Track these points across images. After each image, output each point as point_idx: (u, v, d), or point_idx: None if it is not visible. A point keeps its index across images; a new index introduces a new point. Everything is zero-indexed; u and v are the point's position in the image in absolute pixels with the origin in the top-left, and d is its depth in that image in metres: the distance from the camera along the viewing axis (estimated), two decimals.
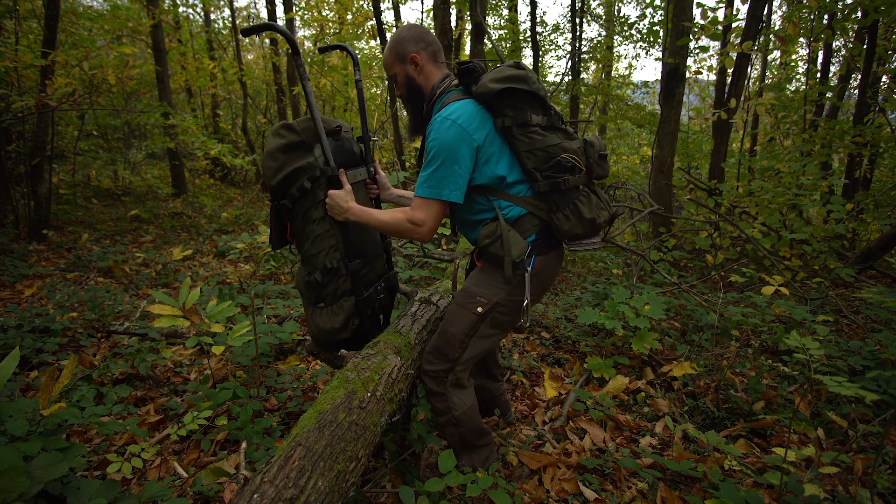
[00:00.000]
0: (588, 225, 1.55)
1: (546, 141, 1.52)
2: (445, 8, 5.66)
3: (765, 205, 5.03)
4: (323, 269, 1.74)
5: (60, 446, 1.47)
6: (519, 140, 1.52)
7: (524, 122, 1.51)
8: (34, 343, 2.66)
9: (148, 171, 10.59)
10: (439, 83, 1.64)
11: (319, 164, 1.70)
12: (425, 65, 1.63)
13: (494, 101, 1.51)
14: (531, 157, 1.53)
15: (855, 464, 1.89)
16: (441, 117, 1.51)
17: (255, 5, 33.10)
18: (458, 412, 1.68)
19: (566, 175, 1.53)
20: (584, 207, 1.54)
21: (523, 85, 1.48)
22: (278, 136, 1.71)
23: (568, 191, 1.54)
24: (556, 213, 1.55)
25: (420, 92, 1.66)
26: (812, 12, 6.62)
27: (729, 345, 3.06)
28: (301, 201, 1.72)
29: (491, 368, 2.12)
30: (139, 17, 8.59)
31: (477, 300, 1.61)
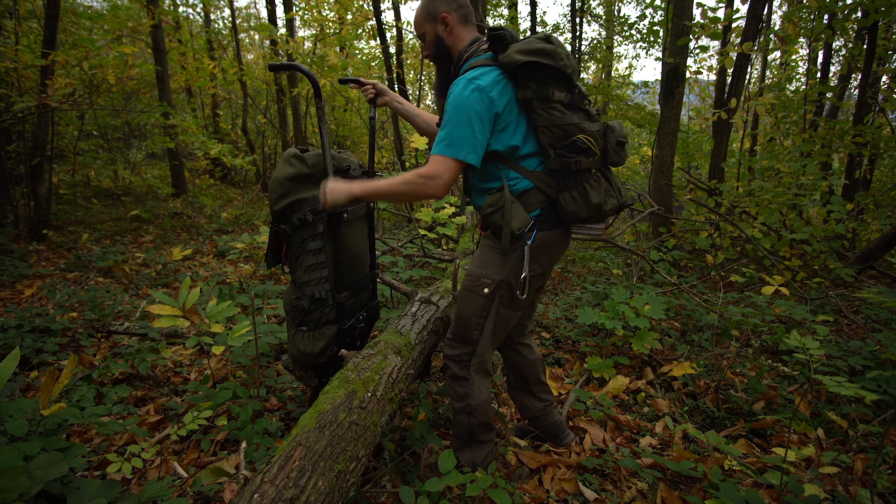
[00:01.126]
0: (594, 209, 1.52)
1: (565, 119, 1.49)
2: None
3: (765, 205, 5.03)
4: (311, 297, 1.81)
5: (60, 446, 1.47)
6: (538, 114, 1.50)
7: (545, 96, 1.48)
8: (34, 343, 2.66)
9: (148, 171, 10.60)
10: (467, 47, 1.61)
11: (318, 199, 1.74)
12: (455, 26, 1.61)
13: (518, 72, 1.48)
14: (547, 133, 1.51)
15: (855, 464, 1.89)
16: (464, 79, 1.49)
17: (255, 5, 33.14)
18: (475, 401, 1.70)
19: (579, 156, 1.50)
20: (592, 191, 1.52)
21: (549, 60, 1.45)
22: (290, 164, 1.77)
23: (579, 172, 1.51)
24: (564, 192, 1.53)
25: (448, 53, 1.64)
26: (812, 12, 6.62)
27: (729, 345, 3.06)
28: (300, 230, 1.78)
29: (531, 384, 1.99)
30: (139, 17, 8.59)
31: (482, 282, 1.62)
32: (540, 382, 2.01)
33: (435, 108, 8.86)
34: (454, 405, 1.74)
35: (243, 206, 9.28)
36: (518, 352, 1.96)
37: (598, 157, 1.53)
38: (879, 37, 6.15)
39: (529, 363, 1.97)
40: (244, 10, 20.66)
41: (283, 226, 1.78)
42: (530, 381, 1.99)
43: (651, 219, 5.73)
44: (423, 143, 3.92)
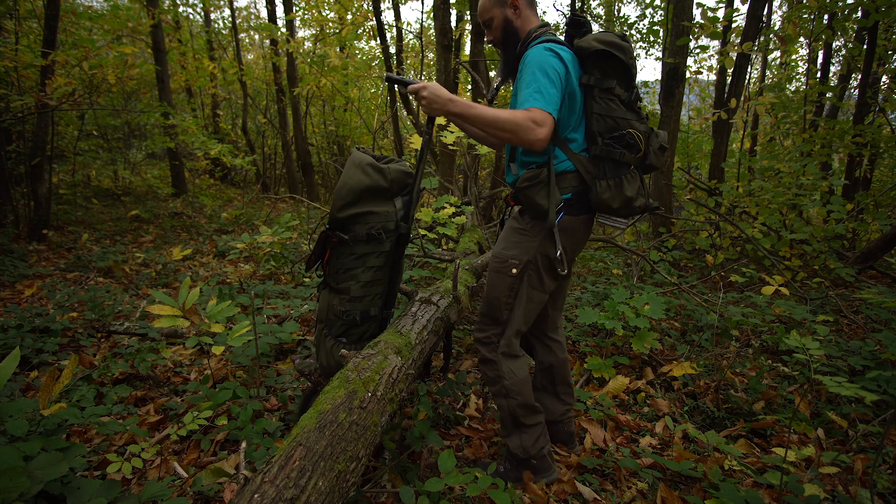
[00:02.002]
0: (625, 202, 1.57)
1: (619, 112, 1.56)
2: (445, 8, 5.66)
3: (765, 205, 5.03)
4: (364, 312, 1.79)
5: (60, 446, 1.47)
6: (597, 101, 1.56)
7: (608, 87, 1.54)
8: (34, 343, 2.66)
9: (148, 171, 10.60)
10: (536, 29, 1.66)
11: (397, 218, 1.74)
12: (524, 9, 1.68)
13: (590, 58, 1.55)
14: (600, 121, 1.56)
15: (855, 464, 1.89)
16: (541, 46, 1.54)
17: (255, 5, 33.13)
18: (508, 381, 1.71)
19: (625, 149, 1.56)
20: (627, 185, 1.57)
21: (621, 54, 1.53)
22: (365, 174, 1.71)
23: (620, 164, 1.58)
24: (601, 180, 1.58)
25: (516, 35, 1.69)
26: (812, 12, 6.62)
27: (729, 345, 3.06)
28: (365, 244, 1.73)
29: (557, 384, 1.98)
30: (139, 17, 8.60)
31: (509, 262, 1.66)
32: (566, 383, 1.99)
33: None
34: (491, 390, 1.76)
35: (243, 206, 9.28)
36: (549, 348, 1.96)
37: (641, 155, 1.59)
38: (879, 37, 6.15)
39: (560, 362, 1.96)
40: (244, 10, 20.65)
41: (342, 234, 1.72)
42: (557, 382, 1.97)
43: (651, 219, 5.73)
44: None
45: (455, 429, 2.17)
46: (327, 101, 12.48)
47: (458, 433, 2.14)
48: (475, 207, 4.71)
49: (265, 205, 9.73)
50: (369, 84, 12.94)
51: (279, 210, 9.23)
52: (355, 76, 10.60)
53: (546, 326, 1.95)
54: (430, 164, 7.86)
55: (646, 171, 1.66)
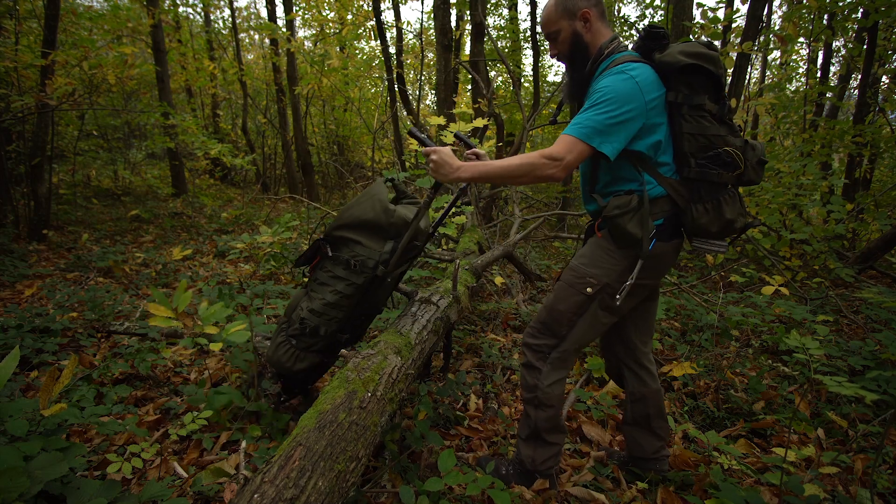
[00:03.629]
0: (725, 225, 1.47)
1: (712, 129, 1.45)
2: (445, 8, 5.67)
3: (765, 205, 5.03)
4: (316, 328, 1.83)
5: (60, 446, 1.47)
6: (686, 120, 1.45)
7: (698, 104, 1.43)
8: (34, 343, 2.66)
9: (148, 171, 10.60)
10: (608, 43, 1.54)
11: (379, 259, 1.76)
12: (595, 21, 1.53)
13: (676, 73, 1.43)
14: (692, 141, 1.45)
15: (855, 464, 1.89)
16: (619, 69, 1.43)
17: (254, 5, 33.12)
18: (543, 394, 1.63)
19: (722, 169, 1.45)
20: (726, 206, 1.47)
21: (711, 66, 1.41)
22: (373, 208, 1.75)
23: (717, 185, 1.47)
24: (697, 203, 1.48)
25: (586, 50, 1.55)
26: (812, 12, 6.62)
27: (729, 345, 3.06)
28: (342, 269, 1.78)
29: (652, 419, 1.76)
30: (139, 17, 8.59)
31: (587, 280, 1.56)
32: (661, 417, 1.78)
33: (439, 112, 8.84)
34: (523, 395, 1.70)
35: (243, 206, 9.28)
36: (640, 378, 1.77)
37: (741, 171, 1.47)
38: (879, 37, 6.15)
39: (652, 393, 1.76)
40: (244, 9, 20.66)
41: (330, 249, 1.79)
42: (652, 416, 1.76)
43: None
44: None
45: (455, 429, 2.17)
46: (327, 101, 12.48)
47: (458, 433, 2.14)
48: (475, 207, 4.72)
49: (265, 205, 9.73)
50: (369, 84, 12.94)
51: (279, 210, 9.23)
52: (355, 76, 10.60)
53: (638, 354, 1.77)
54: None
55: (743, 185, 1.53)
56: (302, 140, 10.39)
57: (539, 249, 6.50)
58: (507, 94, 10.79)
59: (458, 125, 3.39)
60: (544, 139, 13.38)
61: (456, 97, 6.92)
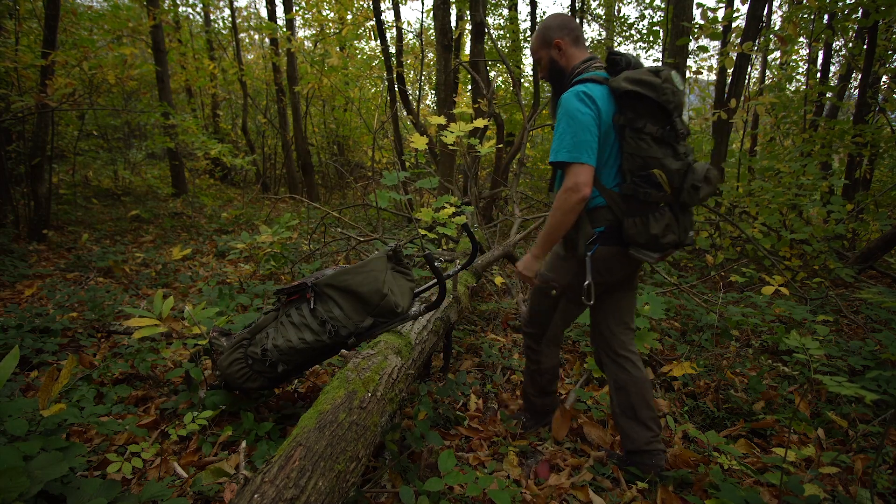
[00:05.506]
0: (651, 239, 1.60)
1: (649, 151, 1.57)
2: (445, 8, 5.66)
3: (765, 205, 5.03)
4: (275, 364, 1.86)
5: (60, 446, 1.47)
6: (627, 141, 1.60)
7: (638, 127, 1.57)
8: (34, 343, 2.66)
9: (148, 171, 10.59)
10: (580, 64, 1.74)
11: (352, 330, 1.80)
12: (567, 48, 1.76)
13: (620, 98, 1.60)
14: (630, 160, 1.60)
15: (855, 464, 1.89)
16: (574, 90, 1.62)
17: (254, 5, 33.13)
18: (546, 365, 2.02)
19: (651, 189, 1.58)
20: (653, 223, 1.59)
21: (651, 93, 1.53)
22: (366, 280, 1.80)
23: (646, 204, 1.60)
24: (628, 217, 1.63)
25: (562, 73, 1.79)
26: (812, 12, 6.62)
27: (729, 345, 3.06)
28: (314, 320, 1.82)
29: (637, 408, 1.82)
30: (139, 17, 8.59)
31: (550, 285, 1.84)
32: (648, 407, 1.82)
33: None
34: (529, 366, 2.08)
35: (243, 206, 9.28)
36: (622, 367, 1.85)
37: (669, 194, 1.59)
38: (879, 37, 6.15)
39: (635, 381, 1.83)
40: (244, 9, 20.66)
41: (313, 296, 1.83)
42: (637, 406, 1.81)
43: None
44: (423, 143, 3.91)
45: (455, 429, 2.17)
46: (327, 101, 12.47)
47: (458, 433, 2.14)
48: (475, 207, 4.71)
49: (265, 205, 9.73)
50: (369, 84, 12.93)
51: (279, 210, 9.23)
52: (355, 76, 10.59)
53: (614, 343, 1.88)
54: (431, 164, 7.87)
55: (682, 207, 1.64)
56: (302, 140, 10.39)
57: None
58: (508, 94, 10.78)
59: (458, 125, 3.38)
60: (544, 139, 13.38)
61: (456, 97, 6.92)
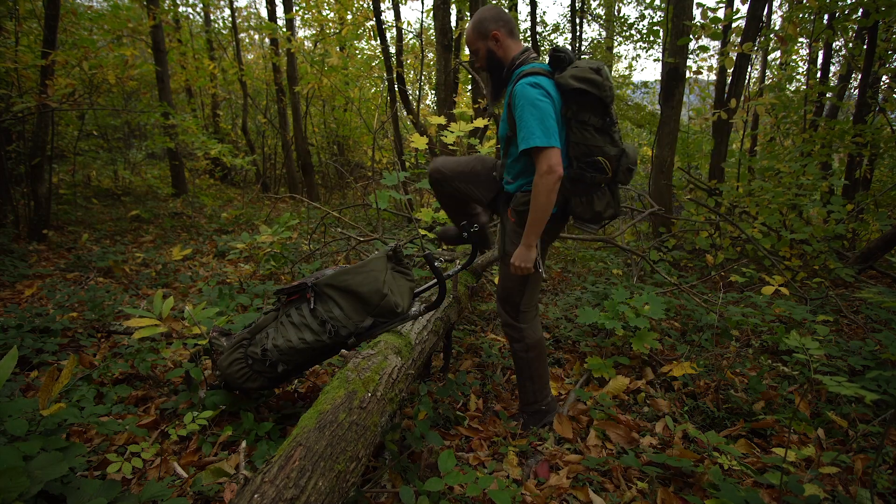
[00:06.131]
0: (595, 215, 1.87)
1: (592, 140, 1.77)
2: (445, 8, 5.66)
3: (765, 205, 5.03)
4: (275, 364, 1.87)
5: (60, 446, 1.47)
6: (573, 131, 1.78)
7: (582, 119, 1.76)
8: (34, 343, 2.65)
9: (148, 171, 10.59)
10: (519, 55, 1.88)
11: (352, 330, 1.80)
12: (504, 39, 1.88)
13: (566, 94, 1.75)
14: (575, 147, 1.79)
15: (855, 464, 1.89)
16: (527, 81, 1.74)
17: (254, 5, 33.13)
18: (531, 340, 2.08)
19: (595, 173, 1.80)
20: (597, 201, 1.85)
21: (595, 90, 1.71)
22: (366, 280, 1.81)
23: (590, 185, 1.83)
24: (575, 197, 1.85)
25: (500, 63, 1.91)
26: (812, 12, 6.62)
27: (729, 345, 3.06)
28: (314, 321, 1.82)
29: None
30: (139, 17, 8.59)
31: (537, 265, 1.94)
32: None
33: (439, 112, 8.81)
34: (514, 347, 2.11)
35: (243, 206, 9.28)
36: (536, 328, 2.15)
37: (610, 176, 1.82)
38: (879, 37, 6.15)
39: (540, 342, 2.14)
40: (244, 9, 20.66)
41: (313, 297, 1.83)
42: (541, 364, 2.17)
43: (651, 219, 5.73)
44: (423, 143, 3.92)
45: (455, 429, 2.17)
46: (327, 101, 12.47)
47: (458, 433, 2.14)
48: None
49: (265, 205, 9.73)
50: (369, 84, 12.92)
51: (279, 210, 9.23)
52: (355, 76, 10.59)
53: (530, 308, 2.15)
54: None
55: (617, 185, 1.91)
56: (302, 140, 10.39)
57: None
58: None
59: (458, 125, 3.39)
60: None
61: (456, 97, 6.91)
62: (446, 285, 1.91)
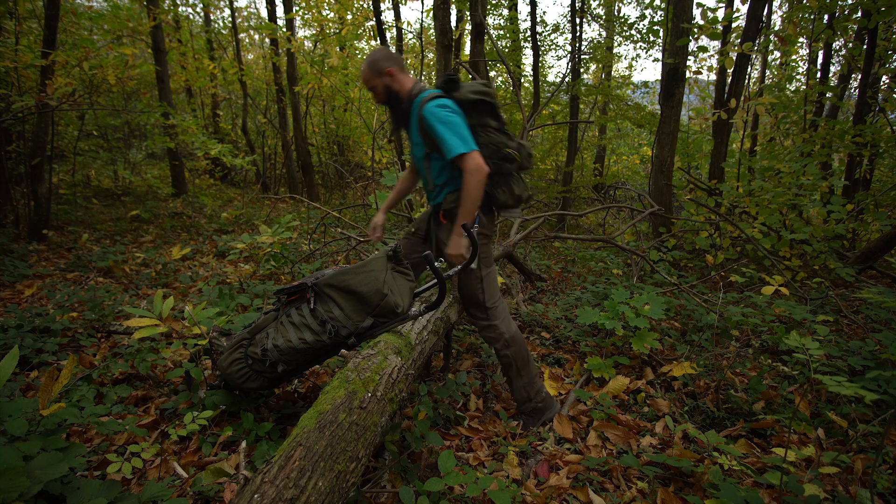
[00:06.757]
0: (516, 199, 2.11)
1: (497, 139, 2.03)
2: (445, 8, 5.66)
3: (765, 205, 5.03)
4: (275, 364, 1.87)
5: (60, 446, 1.47)
6: (479, 135, 2.00)
7: (484, 123, 2.02)
8: (34, 343, 2.65)
9: (148, 171, 10.58)
10: (414, 86, 2.10)
11: (353, 330, 1.81)
12: (398, 74, 2.10)
13: (468, 106, 2.00)
14: (485, 148, 2.00)
15: (855, 464, 1.89)
16: (438, 103, 1.94)
17: (254, 5, 33.12)
18: (508, 335, 2.17)
19: (507, 164, 2.05)
20: (515, 187, 2.10)
21: (490, 99, 2.01)
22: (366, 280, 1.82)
23: (506, 175, 2.08)
24: (497, 188, 2.07)
25: (398, 95, 2.11)
26: (812, 12, 6.62)
27: (729, 345, 3.06)
28: (314, 321, 1.82)
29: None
30: (139, 17, 8.59)
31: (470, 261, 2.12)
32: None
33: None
34: (495, 346, 2.19)
35: (243, 206, 9.28)
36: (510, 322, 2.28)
37: (518, 163, 2.08)
38: (879, 37, 6.15)
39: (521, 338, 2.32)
40: (244, 9, 20.63)
41: (312, 296, 1.84)
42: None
43: (651, 219, 5.73)
44: None
45: (455, 429, 2.17)
46: (327, 101, 12.46)
47: (458, 433, 2.14)
48: None
49: (265, 205, 9.73)
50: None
51: (279, 210, 9.23)
52: (355, 76, 10.59)
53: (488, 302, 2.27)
54: None
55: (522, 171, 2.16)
56: (302, 140, 10.39)
57: (539, 249, 6.50)
58: (507, 94, 10.79)
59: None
60: (544, 139, 13.38)
61: None
62: (446, 285, 1.91)
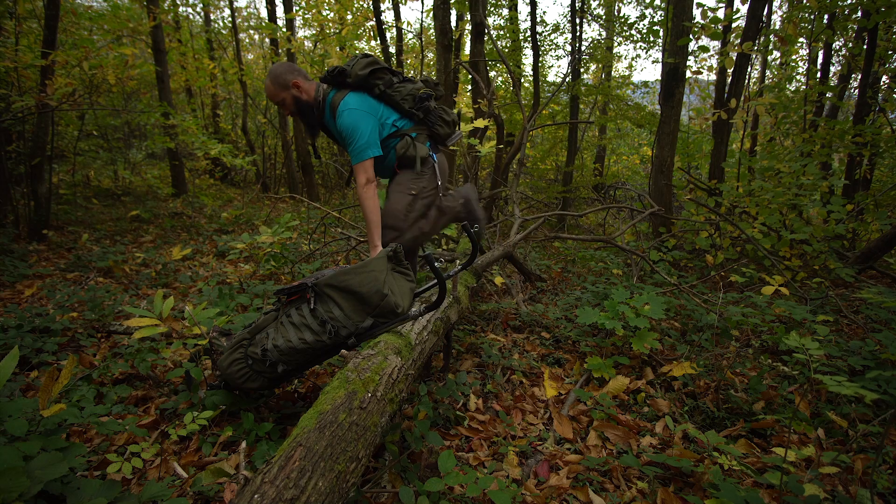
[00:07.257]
0: (451, 125, 2.39)
1: (408, 88, 2.24)
2: (445, 8, 5.66)
3: (765, 205, 5.03)
4: (275, 364, 1.86)
5: (60, 446, 1.47)
6: (394, 94, 2.21)
7: (391, 83, 2.21)
8: (34, 343, 2.65)
9: (148, 171, 10.58)
10: (317, 92, 2.24)
11: (352, 331, 1.80)
12: (303, 84, 2.21)
13: (367, 80, 2.17)
14: (406, 101, 2.23)
15: (855, 464, 1.89)
16: (346, 109, 2.13)
17: (254, 5, 33.10)
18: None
19: (428, 102, 2.28)
20: (444, 115, 2.36)
21: (378, 65, 2.18)
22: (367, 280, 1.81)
23: (433, 111, 2.32)
24: (433, 126, 2.33)
25: (307, 105, 2.23)
26: (812, 12, 6.62)
27: (729, 345, 3.06)
28: (314, 320, 1.82)
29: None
30: (139, 17, 8.59)
31: (409, 187, 2.32)
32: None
33: None
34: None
35: (243, 206, 9.28)
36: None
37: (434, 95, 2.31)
38: (879, 37, 6.15)
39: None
40: (244, 9, 20.65)
41: (313, 297, 1.83)
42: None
43: (651, 219, 5.73)
44: None
45: (455, 429, 2.17)
46: None
47: (458, 433, 2.14)
48: None
49: (265, 205, 9.73)
50: None
51: (279, 210, 9.23)
52: None
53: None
54: None
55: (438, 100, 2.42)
56: (302, 140, 10.39)
57: (539, 249, 6.50)
58: (507, 94, 10.78)
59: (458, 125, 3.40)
60: (544, 139, 13.38)
61: (456, 97, 6.91)
62: (446, 286, 1.91)
